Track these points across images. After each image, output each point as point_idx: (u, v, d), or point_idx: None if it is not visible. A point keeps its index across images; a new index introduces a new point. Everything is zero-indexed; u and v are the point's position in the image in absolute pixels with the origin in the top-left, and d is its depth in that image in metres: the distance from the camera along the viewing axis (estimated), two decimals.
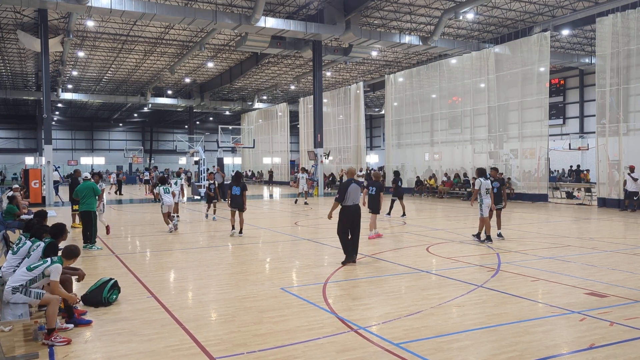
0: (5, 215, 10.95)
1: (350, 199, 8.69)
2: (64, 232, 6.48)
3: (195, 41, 30.96)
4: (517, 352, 4.73)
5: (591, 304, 6.27)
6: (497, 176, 11.76)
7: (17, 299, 5.12)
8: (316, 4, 25.31)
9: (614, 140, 19.54)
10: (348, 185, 8.75)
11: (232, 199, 12.42)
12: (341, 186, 8.88)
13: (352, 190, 8.74)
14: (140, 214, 19.15)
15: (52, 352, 4.84)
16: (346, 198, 8.68)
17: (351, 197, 8.71)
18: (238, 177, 12.58)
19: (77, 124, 63.13)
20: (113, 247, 10.93)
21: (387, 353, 4.72)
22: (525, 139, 23.74)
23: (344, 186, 8.78)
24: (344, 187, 8.78)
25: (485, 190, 11.01)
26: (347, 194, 8.69)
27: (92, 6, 20.32)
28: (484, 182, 11.02)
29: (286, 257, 10.11)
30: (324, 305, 6.29)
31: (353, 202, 8.72)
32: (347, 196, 8.68)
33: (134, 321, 5.73)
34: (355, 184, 8.83)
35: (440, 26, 25.38)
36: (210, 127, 62.80)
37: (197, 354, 4.75)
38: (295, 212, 19.92)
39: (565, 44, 31.95)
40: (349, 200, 8.69)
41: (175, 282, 8.03)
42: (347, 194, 8.69)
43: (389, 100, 31.87)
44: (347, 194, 8.69)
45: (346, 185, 8.77)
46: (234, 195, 12.33)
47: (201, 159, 30.24)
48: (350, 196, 8.70)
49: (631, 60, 18.89)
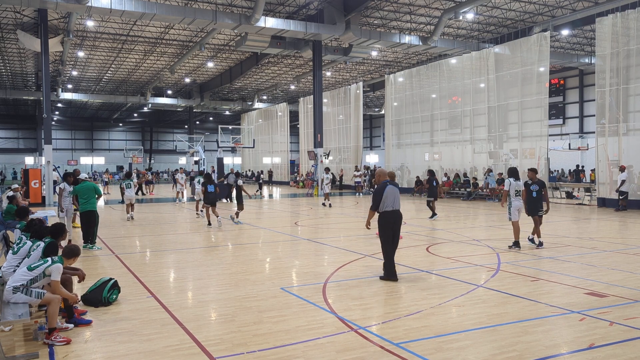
0: (5, 215, 10.95)
1: (387, 203, 7.56)
2: (64, 232, 6.49)
3: (195, 41, 30.97)
4: (517, 352, 4.73)
5: (591, 303, 6.27)
6: (535, 178, 10.62)
7: (17, 299, 5.13)
8: (316, 4, 25.32)
9: (613, 140, 19.54)
10: (383, 189, 7.62)
11: (206, 195, 14.20)
12: (375, 191, 7.74)
13: (389, 194, 7.58)
14: (140, 214, 19.14)
15: (52, 352, 4.84)
16: (383, 204, 7.55)
17: (389, 201, 7.57)
18: (209, 177, 14.72)
19: (77, 124, 63.13)
20: (113, 247, 10.93)
21: (387, 353, 4.72)
22: (525, 139, 23.75)
23: (379, 190, 7.65)
24: (378, 191, 7.65)
25: (515, 191, 10.17)
26: (384, 199, 7.56)
27: (92, 6, 20.33)
28: (514, 183, 10.17)
29: (286, 257, 10.12)
30: (324, 305, 6.29)
31: (392, 208, 7.57)
32: (384, 201, 7.55)
33: (134, 321, 5.73)
34: (392, 186, 7.69)
35: (440, 26, 25.39)
36: (210, 127, 62.82)
37: (197, 354, 4.76)
38: (294, 212, 19.93)
39: (565, 44, 31.96)
40: (387, 206, 7.55)
41: (175, 281, 8.03)
42: (384, 198, 7.56)
43: (389, 100, 31.87)
44: (383, 198, 7.56)
45: (381, 189, 7.65)
46: (210, 192, 14.10)
47: (201, 158, 30.27)
48: (388, 201, 7.56)
49: (631, 60, 18.90)
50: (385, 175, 7.96)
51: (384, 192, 7.58)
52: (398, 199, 7.68)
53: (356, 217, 17.76)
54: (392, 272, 7.55)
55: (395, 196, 7.64)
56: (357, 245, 11.19)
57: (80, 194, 10.70)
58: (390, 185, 7.70)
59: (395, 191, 7.70)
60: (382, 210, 7.57)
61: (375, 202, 7.62)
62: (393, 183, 7.83)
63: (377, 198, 7.58)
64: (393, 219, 7.58)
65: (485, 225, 15.09)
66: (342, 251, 10.28)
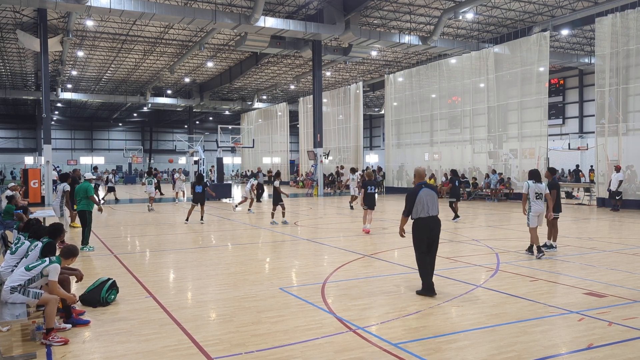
0: (4, 215, 10.93)
1: (422, 209, 6.70)
2: (62, 232, 6.48)
3: (195, 41, 30.96)
4: (515, 352, 4.72)
5: (590, 303, 6.27)
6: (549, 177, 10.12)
7: (15, 299, 5.12)
8: (316, 4, 25.31)
9: (613, 140, 19.54)
10: (416, 192, 6.74)
11: (194, 195, 15.31)
12: (408, 194, 6.87)
13: (424, 198, 6.70)
14: (140, 214, 19.13)
15: (50, 352, 4.83)
16: (416, 209, 6.73)
17: (423, 206, 6.70)
18: (201, 178, 15.90)
19: (76, 124, 63.11)
20: (112, 247, 10.92)
21: (385, 353, 4.72)
22: (524, 139, 23.75)
23: (412, 194, 6.79)
24: (411, 195, 6.80)
25: (535, 194, 9.36)
26: (417, 204, 6.71)
27: (91, 6, 20.32)
28: (533, 186, 9.38)
29: (285, 257, 10.11)
30: (322, 305, 6.28)
31: (428, 214, 6.71)
32: (417, 207, 6.71)
33: (132, 321, 5.72)
34: (427, 189, 6.79)
35: (440, 26, 25.38)
36: (210, 127, 62.79)
37: (195, 354, 4.75)
38: (294, 211, 19.91)
39: (565, 44, 31.96)
40: (421, 211, 6.71)
41: (173, 282, 8.02)
42: (417, 203, 6.71)
43: (389, 100, 31.86)
44: (416, 203, 6.71)
45: (414, 193, 6.76)
46: (197, 192, 15.22)
47: (201, 158, 30.24)
48: (422, 206, 6.70)
49: (630, 60, 18.90)
50: (421, 176, 7.06)
51: (417, 196, 6.73)
52: (435, 203, 6.81)
53: (356, 217, 17.74)
54: (429, 286, 6.70)
55: (431, 200, 6.75)
56: (356, 245, 11.18)
57: (75, 194, 10.87)
58: (425, 189, 6.79)
59: (431, 195, 6.81)
60: (417, 217, 6.73)
61: (407, 207, 6.79)
62: (429, 185, 6.90)
63: (409, 202, 6.78)
64: (429, 227, 6.73)
65: (485, 225, 15.08)
66: (342, 251, 10.27)
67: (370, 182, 13.32)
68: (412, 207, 6.75)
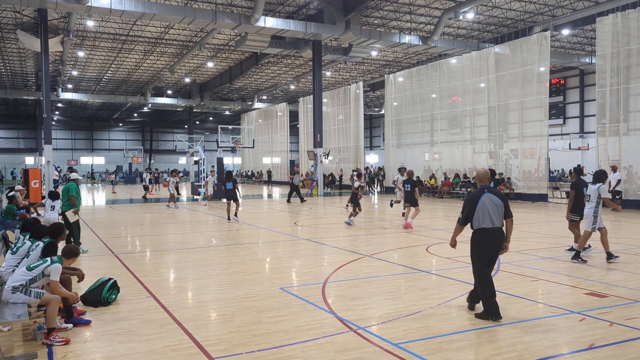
0: (5, 215, 10.93)
1: (483, 218, 5.67)
2: (63, 232, 6.48)
3: (195, 41, 30.97)
4: (516, 352, 4.72)
5: (591, 304, 6.26)
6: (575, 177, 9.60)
7: (16, 299, 5.12)
8: (316, 4, 25.31)
9: (614, 140, 19.53)
10: (477, 198, 5.72)
11: (226, 192, 15.72)
12: (467, 200, 5.89)
13: (487, 205, 5.69)
14: (140, 214, 19.14)
15: (51, 352, 4.83)
16: (477, 218, 5.70)
17: (487, 215, 5.67)
18: (230, 175, 16.25)
19: (77, 124, 63.13)
20: (112, 247, 10.92)
21: (386, 353, 4.71)
22: (525, 139, 23.74)
23: (471, 199, 5.78)
24: (470, 200, 5.78)
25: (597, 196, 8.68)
26: (479, 211, 5.68)
27: (91, 6, 20.32)
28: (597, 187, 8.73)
29: (286, 257, 10.10)
30: (323, 305, 6.28)
31: (492, 224, 5.67)
32: (478, 215, 5.69)
33: (133, 321, 5.73)
34: (491, 195, 5.74)
35: (440, 26, 25.38)
36: (210, 127, 62.79)
37: (196, 354, 4.75)
38: (294, 211, 19.91)
39: (566, 44, 31.94)
40: (483, 221, 5.67)
41: (174, 281, 8.02)
42: (479, 210, 5.68)
43: (389, 100, 31.85)
44: (477, 210, 5.69)
45: (474, 198, 5.75)
46: (228, 189, 15.59)
47: (201, 158, 30.25)
48: (483, 214, 5.68)
49: (631, 60, 18.89)
50: (485, 179, 5.92)
51: (479, 202, 5.68)
52: (499, 212, 5.71)
53: (355, 217, 17.73)
54: (493, 309, 5.63)
55: (494, 209, 5.68)
56: (356, 245, 11.19)
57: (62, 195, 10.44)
58: (489, 194, 5.73)
59: (495, 202, 5.70)
60: (478, 227, 5.70)
61: (464, 214, 5.77)
62: (493, 190, 5.82)
63: (468, 209, 5.74)
64: (491, 241, 5.70)
65: None
66: (342, 251, 10.27)
67: (408, 181, 13.88)
68: (471, 214, 5.71)
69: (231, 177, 16.01)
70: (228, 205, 15.93)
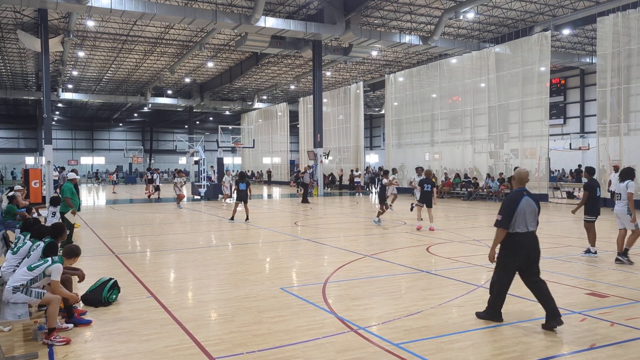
0: (5, 215, 10.93)
1: (520, 222, 5.44)
2: (63, 232, 6.48)
3: (195, 41, 30.97)
4: (517, 352, 4.72)
5: (592, 304, 6.25)
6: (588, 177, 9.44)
7: (17, 299, 5.12)
8: (316, 4, 25.31)
9: (614, 140, 19.52)
10: (518, 200, 5.46)
11: (238, 193, 15.40)
12: (507, 201, 5.56)
13: (525, 209, 5.45)
14: (141, 214, 19.14)
15: (52, 352, 4.83)
16: (514, 222, 5.43)
17: (524, 219, 5.44)
18: (243, 176, 15.86)
19: (77, 124, 63.16)
20: (113, 247, 10.92)
21: (387, 353, 4.71)
22: (525, 139, 23.73)
23: (512, 201, 5.49)
24: (511, 202, 5.48)
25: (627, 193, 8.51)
26: (516, 215, 5.42)
27: (92, 6, 20.33)
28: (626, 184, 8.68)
29: (286, 257, 10.10)
30: (323, 306, 6.28)
31: (527, 229, 5.46)
32: (517, 218, 5.43)
33: (133, 321, 5.72)
34: (529, 199, 5.50)
35: (441, 26, 25.37)
36: (210, 127, 62.81)
37: (196, 354, 4.74)
38: (294, 211, 19.91)
39: (566, 44, 31.94)
40: (519, 225, 5.44)
41: (174, 281, 8.02)
42: (516, 214, 5.43)
43: (389, 100, 31.85)
44: (516, 214, 5.43)
45: (515, 200, 5.48)
46: (241, 190, 15.29)
47: (201, 158, 30.24)
48: (521, 218, 5.44)
49: (632, 59, 18.88)
50: (523, 180, 5.64)
51: (518, 206, 5.43)
52: (535, 216, 5.53)
53: (356, 217, 17.75)
54: (497, 311, 5.63)
55: (531, 213, 5.49)
56: (357, 245, 11.18)
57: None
58: (527, 197, 5.50)
59: (533, 206, 5.50)
60: (513, 231, 5.45)
61: (505, 216, 5.43)
62: (530, 194, 5.57)
63: (509, 211, 5.43)
64: (525, 246, 5.44)
65: (486, 225, 15.06)
66: (342, 251, 10.26)
67: (427, 181, 13.68)
68: (511, 216, 5.42)
69: (244, 178, 15.70)
70: (236, 205, 15.78)
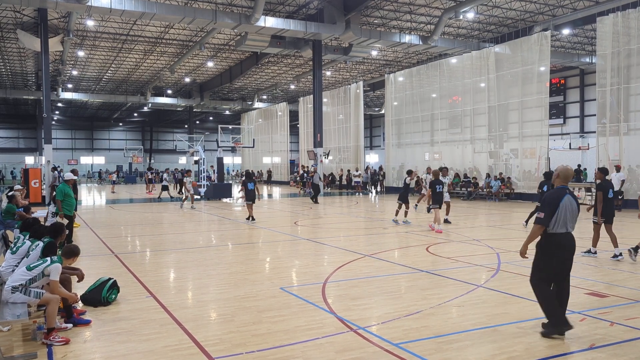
0: (5, 214, 10.93)
1: (560, 222, 5.10)
2: (63, 232, 6.47)
3: (195, 41, 30.95)
4: (517, 352, 4.71)
5: (592, 304, 6.25)
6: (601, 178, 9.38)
7: (16, 299, 5.11)
8: (316, 4, 25.30)
9: (614, 139, 19.52)
10: (560, 198, 5.12)
11: (248, 193, 15.19)
12: (548, 198, 5.18)
13: (567, 208, 5.12)
14: (140, 213, 19.14)
15: (51, 352, 4.82)
16: (554, 221, 5.10)
17: (564, 219, 5.11)
18: (250, 175, 15.76)
19: (77, 124, 63.13)
20: (112, 247, 10.92)
21: (386, 353, 4.71)
22: (525, 139, 23.73)
23: (554, 198, 5.14)
24: (553, 200, 5.13)
25: None
26: (557, 214, 5.09)
27: (92, 5, 20.31)
28: None
29: (286, 256, 10.10)
30: (323, 305, 6.27)
31: (566, 229, 5.14)
32: (557, 218, 5.09)
33: (133, 321, 5.72)
34: (571, 198, 5.18)
35: (441, 25, 25.36)
36: (210, 126, 62.81)
37: (195, 354, 4.74)
38: (294, 211, 19.91)
39: (566, 44, 31.93)
40: (559, 225, 5.10)
41: (174, 281, 8.02)
42: (558, 213, 5.09)
43: (389, 100, 31.85)
44: (557, 212, 5.09)
45: (557, 198, 5.13)
46: (250, 190, 15.13)
47: (201, 158, 30.22)
48: (562, 217, 5.10)
49: (632, 59, 18.88)
50: (568, 178, 5.31)
51: (560, 203, 5.09)
52: (575, 217, 5.21)
53: (356, 217, 17.74)
54: (559, 321, 5.11)
55: (572, 213, 5.16)
56: (356, 245, 11.18)
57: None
58: (569, 196, 5.17)
59: (574, 207, 5.19)
60: (552, 231, 5.11)
61: (547, 214, 5.08)
62: (572, 193, 5.25)
63: (551, 209, 5.08)
64: (564, 247, 5.12)
65: (486, 225, 15.07)
66: (342, 251, 10.26)
67: (439, 182, 13.29)
68: (552, 215, 5.09)
69: (252, 178, 15.58)
70: (249, 206, 15.45)
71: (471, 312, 5.95)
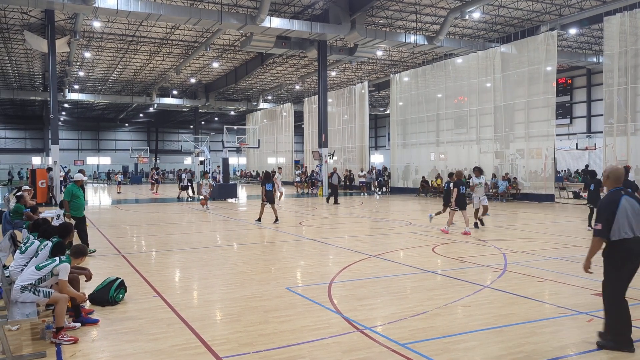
0: (13, 214, 11.01)
1: (624, 226, 4.68)
2: (71, 232, 6.52)
3: (201, 41, 31.05)
4: (524, 353, 4.70)
5: (599, 304, 6.19)
6: None
7: (25, 298, 5.16)
8: (321, 4, 25.30)
9: (621, 139, 19.40)
10: (617, 202, 4.72)
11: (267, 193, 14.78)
12: (604, 204, 4.81)
13: (628, 211, 4.71)
14: (145, 214, 19.22)
15: (60, 351, 4.86)
16: (617, 227, 4.69)
17: (629, 223, 4.69)
18: (269, 176, 15.12)
19: (83, 124, 63.50)
20: (119, 247, 10.98)
21: (393, 353, 4.71)
22: (531, 139, 23.62)
23: (611, 203, 4.75)
24: (610, 205, 4.74)
25: None
26: (618, 219, 4.68)
27: (98, 7, 20.42)
28: None
29: (291, 257, 10.11)
30: (329, 305, 6.28)
31: (634, 233, 4.69)
32: (618, 223, 4.68)
33: (140, 320, 5.75)
34: (630, 198, 4.77)
35: (446, 25, 25.30)
36: (216, 127, 62.96)
37: (203, 353, 4.76)
38: (299, 212, 19.91)
39: (573, 43, 31.75)
40: (624, 230, 4.68)
41: (181, 281, 8.05)
42: (618, 217, 4.68)
43: (394, 100, 31.80)
44: (617, 217, 4.68)
45: (614, 202, 4.73)
46: (269, 191, 14.78)
47: (206, 159, 30.34)
48: (624, 221, 4.69)
49: (639, 59, 18.77)
50: (620, 179, 4.88)
51: (618, 208, 4.68)
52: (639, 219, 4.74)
53: (361, 217, 17.74)
54: (627, 338, 4.78)
55: (635, 215, 4.71)
56: (362, 245, 11.18)
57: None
58: (627, 197, 4.76)
59: (635, 207, 4.74)
60: (619, 238, 4.68)
61: (605, 222, 4.68)
62: (630, 193, 4.84)
63: (608, 216, 4.68)
64: (635, 253, 4.72)
65: (492, 225, 15.01)
66: (348, 251, 10.26)
67: (462, 183, 13.08)
68: (611, 222, 4.67)
69: (270, 179, 15.07)
70: (263, 207, 15.20)
71: (478, 312, 5.94)
